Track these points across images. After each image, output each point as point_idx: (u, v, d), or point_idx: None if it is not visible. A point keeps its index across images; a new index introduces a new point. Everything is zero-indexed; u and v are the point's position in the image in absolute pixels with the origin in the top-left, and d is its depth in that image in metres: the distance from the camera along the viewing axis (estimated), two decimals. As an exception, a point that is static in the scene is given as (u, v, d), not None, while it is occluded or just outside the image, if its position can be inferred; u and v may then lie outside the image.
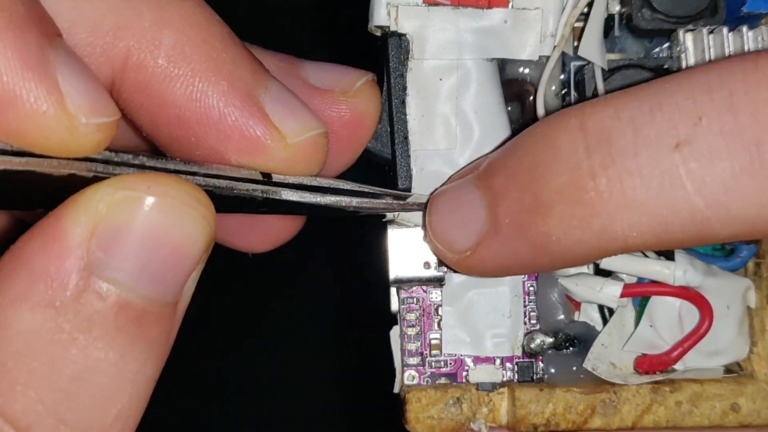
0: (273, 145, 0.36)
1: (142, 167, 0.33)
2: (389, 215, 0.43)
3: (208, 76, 0.35)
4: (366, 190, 0.40)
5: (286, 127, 0.36)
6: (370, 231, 0.44)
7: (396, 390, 0.44)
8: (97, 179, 0.31)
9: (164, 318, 0.32)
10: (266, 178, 0.36)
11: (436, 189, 0.42)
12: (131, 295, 0.31)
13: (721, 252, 0.45)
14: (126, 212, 0.31)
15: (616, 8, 0.44)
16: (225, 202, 0.35)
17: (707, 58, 0.42)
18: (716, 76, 0.33)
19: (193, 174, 0.34)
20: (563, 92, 0.45)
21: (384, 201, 0.40)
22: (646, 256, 0.43)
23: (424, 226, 0.42)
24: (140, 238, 0.31)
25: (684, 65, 0.42)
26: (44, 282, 0.30)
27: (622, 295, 0.43)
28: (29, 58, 0.29)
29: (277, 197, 0.36)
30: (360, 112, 0.42)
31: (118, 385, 0.31)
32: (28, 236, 0.30)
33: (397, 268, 0.43)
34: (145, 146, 0.39)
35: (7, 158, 0.29)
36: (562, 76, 0.45)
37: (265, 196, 0.36)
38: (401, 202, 0.41)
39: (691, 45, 0.42)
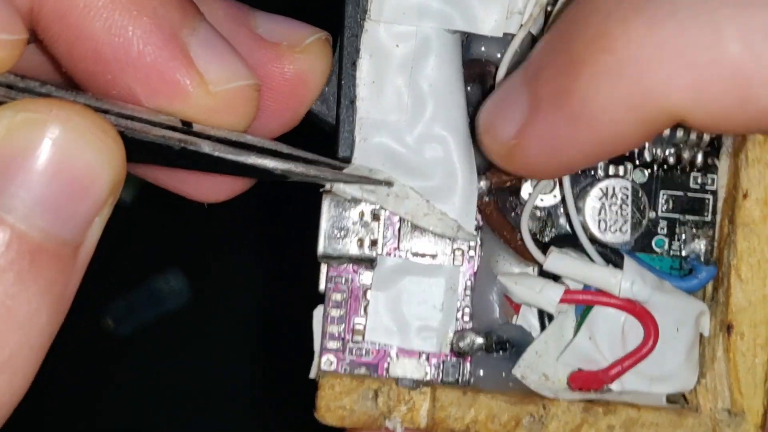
0: (194, 90, 0.33)
1: (48, 96, 0.31)
2: (327, 185, 0.40)
3: (130, 10, 0.32)
4: (299, 154, 0.37)
5: (211, 73, 0.34)
6: (311, 198, 0.42)
7: (312, 375, 0.41)
8: None
9: (62, 260, 0.29)
10: (186, 126, 0.34)
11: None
12: (26, 225, 0.28)
13: (678, 271, 0.42)
14: (26, 136, 0.28)
15: None
16: (138, 148, 0.32)
17: None
18: None
19: (105, 111, 0.32)
20: (529, 80, 0.42)
21: (316, 168, 0.37)
22: (592, 261, 0.40)
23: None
24: (40, 164, 0.28)
25: None
26: None
27: (562, 301, 0.40)
28: None
29: (196, 149, 0.33)
30: (305, 70, 0.39)
31: (4, 328, 0.28)
32: None
33: (326, 243, 0.40)
34: (61, 81, 0.36)
35: None
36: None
37: (182, 146, 0.33)
38: (336, 172, 0.39)
39: None
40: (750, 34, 0.29)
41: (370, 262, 0.40)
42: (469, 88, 0.41)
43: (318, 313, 0.41)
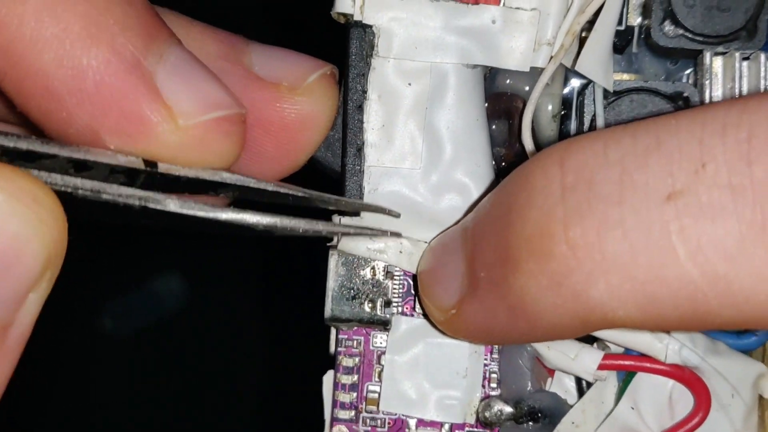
0: (160, 126, 0.29)
1: None
2: (334, 239, 0.36)
3: (84, 39, 0.28)
4: (287, 191, 0.33)
5: (182, 104, 0.29)
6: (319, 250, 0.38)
7: (323, 448, 0.37)
8: None
9: None
10: (149, 167, 0.29)
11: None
12: None
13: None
14: None
15: (636, 20, 0.36)
16: (92, 208, 0.28)
17: (738, 89, 0.34)
18: (736, 114, 0.25)
19: (53, 157, 0.28)
20: (563, 113, 0.37)
21: (307, 222, 0.32)
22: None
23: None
24: None
25: (708, 95, 0.34)
26: None
27: (601, 368, 0.35)
28: None
29: (161, 208, 0.29)
30: (307, 113, 0.35)
31: None
32: None
33: (334, 305, 0.36)
34: (18, 121, 0.33)
35: None
36: (565, 90, 0.37)
37: (143, 204, 0.29)
38: (331, 224, 0.34)
39: (720, 71, 0.34)
40: (703, 254, 0.25)
41: (384, 325, 0.36)
42: (493, 126, 0.37)
43: (328, 379, 0.37)
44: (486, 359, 0.37)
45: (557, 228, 0.27)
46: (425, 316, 0.36)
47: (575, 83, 0.37)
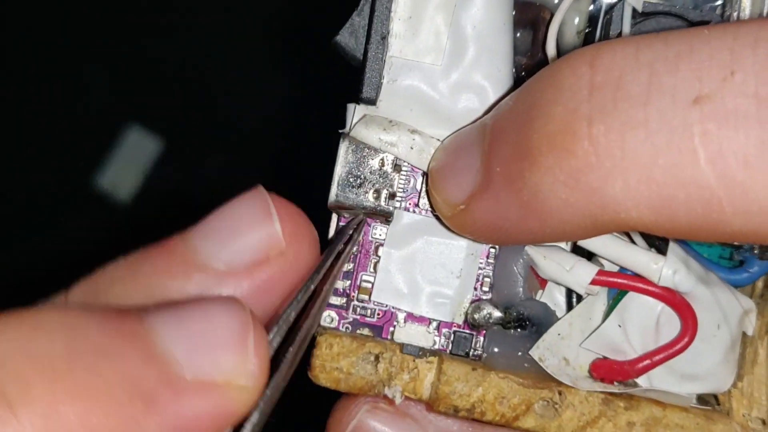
0: None
1: None
2: (346, 127, 0.36)
3: None
4: None
5: None
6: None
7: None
8: None
9: None
10: None
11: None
12: None
13: (728, 261, 0.38)
14: None
15: (673, -57, 0.36)
16: None
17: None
18: None
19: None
20: (587, 30, 0.37)
21: None
22: (634, 243, 0.36)
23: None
24: None
25: (735, 25, 0.34)
26: None
27: (594, 282, 0.36)
28: None
29: None
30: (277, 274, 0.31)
31: None
32: None
33: (339, 190, 0.36)
34: None
35: None
36: (591, 8, 0.37)
37: None
38: None
39: (748, 4, 0.34)
40: (723, 159, 0.25)
41: (385, 217, 0.37)
42: (518, 34, 0.37)
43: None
44: (481, 263, 0.37)
45: (581, 125, 0.27)
46: (429, 212, 0.37)
47: (604, 1, 0.37)
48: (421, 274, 0.37)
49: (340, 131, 0.36)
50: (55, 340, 0.24)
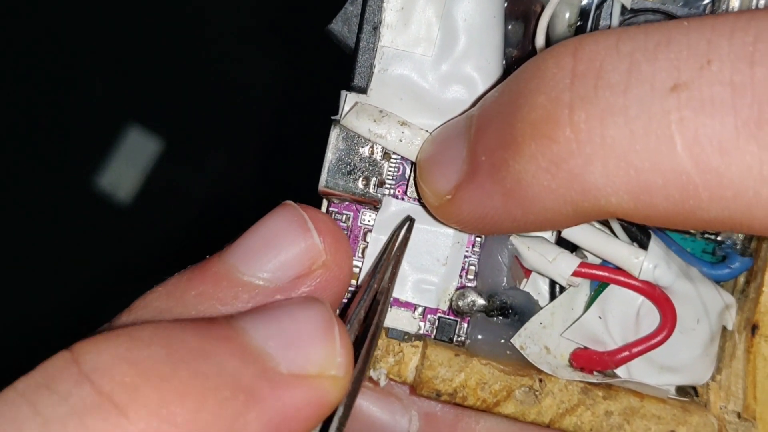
0: None
1: None
2: (338, 114, 0.37)
3: None
4: None
5: None
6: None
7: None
8: None
9: None
10: None
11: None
12: None
13: (711, 257, 0.38)
14: None
15: (666, -60, 0.36)
16: None
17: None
18: (746, 19, 0.26)
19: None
20: (578, 24, 0.38)
21: None
22: (616, 237, 0.36)
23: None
24: None
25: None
26: None
27: (575, 274, 0.36)
28: None
29: None
30: (321, 284, 0.33)
31: None
32: None
33: (329, 177, 0.37)
34: None
35: None
36: (584, 2, 0.37)
37: None
38: None
39: (737, 4, 0.35)
40: (699, 145, 0.26)
41: (374, 203, 0.37)
42: (509, 26, 0.37)
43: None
44: (467, 251, 0.38)
45: (563, 112, 0.28)
46: (417, 201, 0.37)
47: (596, -4, 0.37)
48: (407, 260, 0.38)
49: (332, 117, 0.37)
50: (156, 348, 0.26)
